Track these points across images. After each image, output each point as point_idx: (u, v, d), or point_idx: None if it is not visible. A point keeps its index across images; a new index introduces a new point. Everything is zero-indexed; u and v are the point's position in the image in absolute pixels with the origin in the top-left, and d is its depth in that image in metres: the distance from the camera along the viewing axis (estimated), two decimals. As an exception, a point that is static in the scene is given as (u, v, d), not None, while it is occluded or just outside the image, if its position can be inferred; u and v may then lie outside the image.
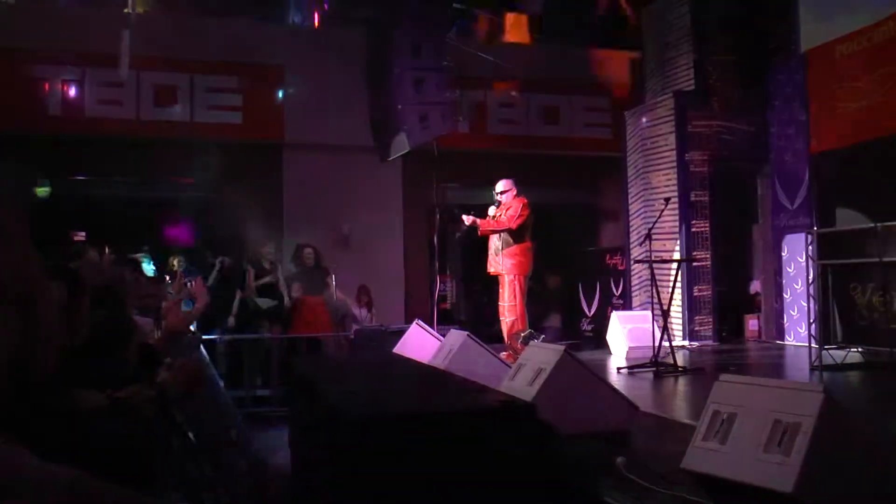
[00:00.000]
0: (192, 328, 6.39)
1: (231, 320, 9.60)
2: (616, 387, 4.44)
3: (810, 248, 7.52)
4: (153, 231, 11.43)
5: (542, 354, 4.40)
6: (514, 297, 8.16)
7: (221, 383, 7.74)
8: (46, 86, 10.73)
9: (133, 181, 11.89)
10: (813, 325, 7.42)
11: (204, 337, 7.75)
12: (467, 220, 8.58)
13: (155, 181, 12.02)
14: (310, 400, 3.53)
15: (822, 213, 9.22)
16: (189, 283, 5.82)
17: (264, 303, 9.76)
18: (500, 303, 8.44)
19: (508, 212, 8.32)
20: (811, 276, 7.52)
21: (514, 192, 8.49)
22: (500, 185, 8.55)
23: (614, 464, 3.36)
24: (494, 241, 8.42)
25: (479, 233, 8.67)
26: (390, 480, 2.55)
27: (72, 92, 10.82)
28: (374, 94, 9.54)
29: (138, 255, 9.80)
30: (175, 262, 9.99)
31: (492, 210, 8.59)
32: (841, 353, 7.39)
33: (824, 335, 7.40)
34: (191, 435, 3.57)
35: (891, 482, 2.70)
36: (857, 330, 7.25)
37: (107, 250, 8.85)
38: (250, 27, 11.87)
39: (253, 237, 10.53)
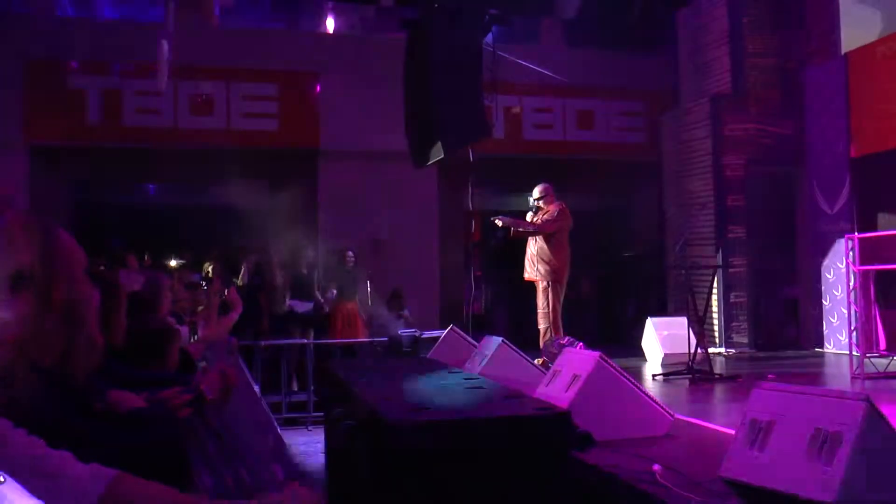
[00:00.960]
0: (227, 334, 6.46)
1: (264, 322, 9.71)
2: (652, 394, 4.40)
3: (850, 253, 7.39)
4: (191, 238, 11.58)
5: (578, 361, 4.37)
6: (548, 303, 8.09)
7: (258, 388, 7.81)
8: (85, 96, 10.92)
9: (171, 189, 12.07)
10: (854, 333, 7.29)
11: (240, 342, 7.82)
12: (499, 221, 8.52)
13: (193, 189, 12.19)
14: (347, 405, 3.55)
15: (862, 217, 9.07)
16: (225, 291, 5.87)
17: (299, 306, 9.85)
18: (537, 309, 8.37)
19: (545, 216, 8.27)
20: (852, 283, 7.39)
21: (552, 197, 8.42)
22: (537, 191, 8.48)
23: (650, 471, 3.33)
24: (530, 247, 8.36)
25: (510, 234, 8.62)
26: (427, 485, 2.55)
27: (110, 102, 11.00)
28: (410, 100, 9.56)
29: (177, 262, 9.94)
30: (210, 269, 10.11)
31: (529, 216, 8.52)
32: (883, 361, 7.25)
33: (866, 343, 7.26)
34: (227, 440, 3.60)
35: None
36: (899, 337, 7.12)
37: (146, 257, 8.99)
38: (286, 35, 12.00)
39: (289, 243, 10.63)
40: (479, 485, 2.60)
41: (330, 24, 12.70)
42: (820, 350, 9.92)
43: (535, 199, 8.45)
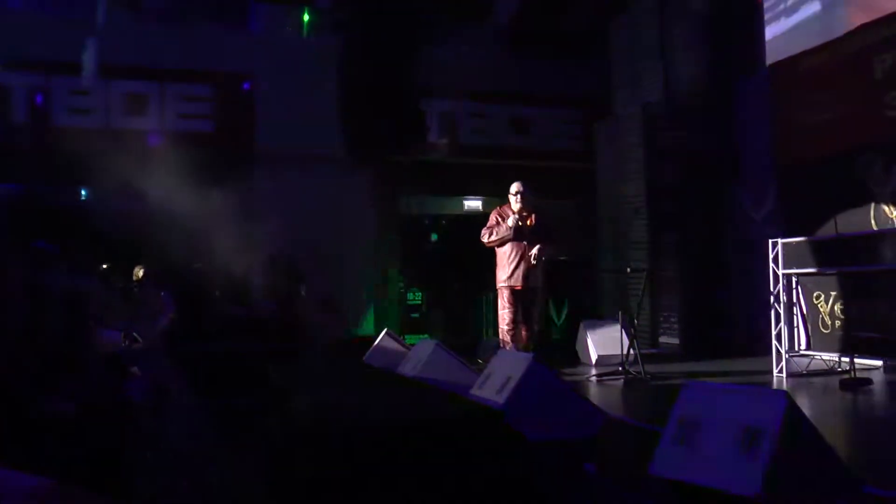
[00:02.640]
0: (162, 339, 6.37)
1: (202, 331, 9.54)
2: (584, 394, 4.49)
3: (775, 257, 7.66)
4: (122, 241, 11.31)
5: (512, 362, 4.44)
6: (542, 307, 8.12)
7: (194, 395, 7.68)
8: (11, 94, 10.61)
9: (103, 190, 11.78)
10: (778, 333, 7.56)
11: (176, 348, 7.69)
12: (534, 256, 7.89)
13: (125, 190, 11.91)
14: (286, 411, 3.54)
15: (788, 223, 9.37)
16: (162, 295, 5.78)
17: (236, 311, 9.73)
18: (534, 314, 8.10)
19: (541, 220, 8.02)
20: (776, 286, 7.66)
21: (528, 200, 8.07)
22: (517, 186, 8.11)
23: (582, 470, 3.40)
24: (524, 256, 7.87)
25: (538, 254, 7.88)
26: (363, 488, 2.57)
27: (38, 100, 10.70)
28: (346, 104, 9.56)
29: (108, 266, 9.71)
30: (140, 273, 9.91)
31: (512, 220, 7.93)
32: (805, 360, 7.54)
33: (789, 343, 7.54)
34: (163, 447, 3.56)
35: (844, 483, 2.78)
36: (820, 338, 7.39)
37: (77, 262, 8.76)
38: (222, 35, 11.84)
39: (224, 247, 10.48)
40: (416, 486, 2.63)
41: (265, 26, 12.58)
42: (747, 350, 10.21)
43: (513, 195, 8.02)
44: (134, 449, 2.85)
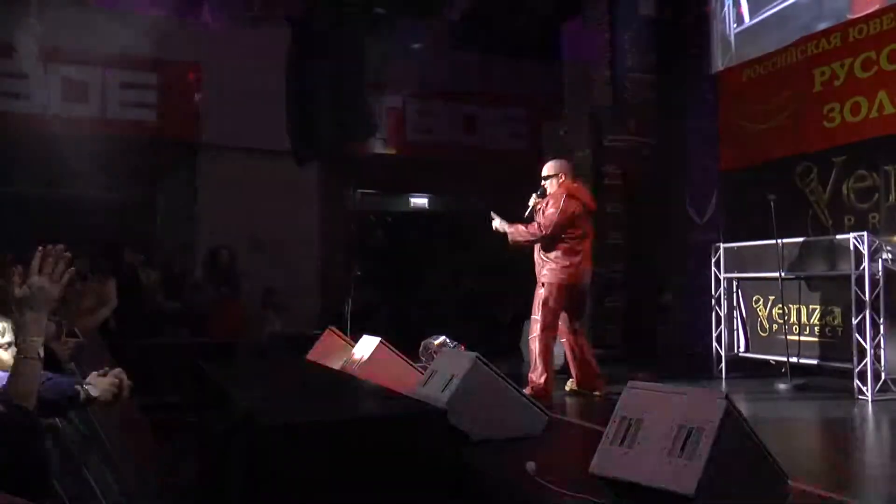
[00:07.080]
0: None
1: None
2: (528, 394, 4.49)
3: (716, 261, 7.80)
4: (61, 232, 11.00)
5: (455, 361, 4.42)
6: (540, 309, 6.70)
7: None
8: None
9: (40, 180, 11.44)
10: (718, 336, 7.70)
11: (110, 341, 7.49)
12: (497, 223, 7.03)
13: (63, 180, 11.59)
14: (222, 407, 3.47)
15: (728, 228, 9.54)
16: (107, 285, 5.54)
17: (170, 306, 9.56)
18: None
19: (548, 210, 6.62)
20: (718, 289, 7.79)
21: (563, 178, 6.74)
22: (546, 168, 6.81)
23: (524, 468, 3.40)
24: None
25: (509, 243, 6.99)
26: (303, 487, 2.52)
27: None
28: (293, 97, 9.44)
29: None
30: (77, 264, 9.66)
31: (532, 200, 6.99)
32: (743, 362, 7.70)
33: (729, 345, 7.68)
34: (94, 444, 3.44)
35: (775, 479, 2.83)
36: (758, 340, 7.53)
37: (8, 257, 8.49)
38: (168, 22, 11.59)
39: (165, 239, 10.29)
40: (355, 485, 2.59)
41: (212, 15, 12.36)
42: (688, 352, 10.36)
43: (543, 179, 6.82)
44: (62, 447, 2.75)
